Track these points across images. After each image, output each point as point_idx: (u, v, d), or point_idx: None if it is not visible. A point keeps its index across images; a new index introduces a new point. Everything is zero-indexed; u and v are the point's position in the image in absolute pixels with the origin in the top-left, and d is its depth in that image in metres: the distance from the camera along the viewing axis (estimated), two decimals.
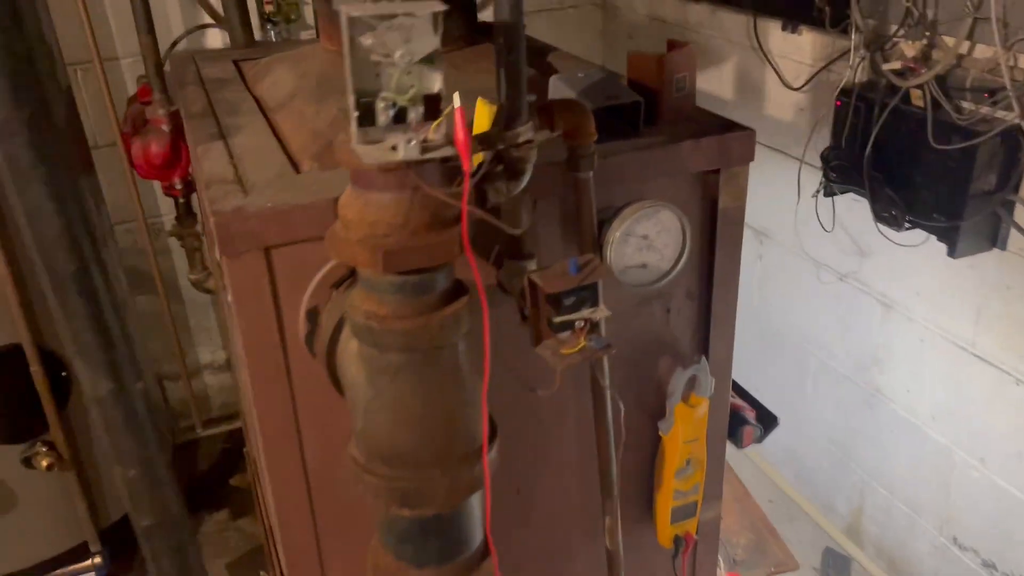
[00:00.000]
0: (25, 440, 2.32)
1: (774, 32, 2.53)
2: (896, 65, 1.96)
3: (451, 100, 0.94)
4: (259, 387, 1.30)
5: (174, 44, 2.72)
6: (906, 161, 2.00)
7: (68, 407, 2.35)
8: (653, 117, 1.47)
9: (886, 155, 2.06)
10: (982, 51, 1.88)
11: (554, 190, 1.36)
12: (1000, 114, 1.82)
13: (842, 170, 2.19)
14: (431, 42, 0.88)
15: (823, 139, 2.31)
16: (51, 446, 2.30)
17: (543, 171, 1.33)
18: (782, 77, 2.56)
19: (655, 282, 1.38)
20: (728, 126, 1.47)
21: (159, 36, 2.93)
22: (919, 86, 1.91)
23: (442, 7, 0.88)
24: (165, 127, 2.34)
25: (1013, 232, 1.92)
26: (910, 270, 2.27)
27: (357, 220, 1.01)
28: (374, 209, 1.00)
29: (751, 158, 1.48)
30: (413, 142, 0.92)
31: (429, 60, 0.91)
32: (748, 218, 2.86)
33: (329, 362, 1.22)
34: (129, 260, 3.03)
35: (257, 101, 1.74)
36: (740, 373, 3.22)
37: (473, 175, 1.00)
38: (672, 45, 1.51)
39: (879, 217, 2.11)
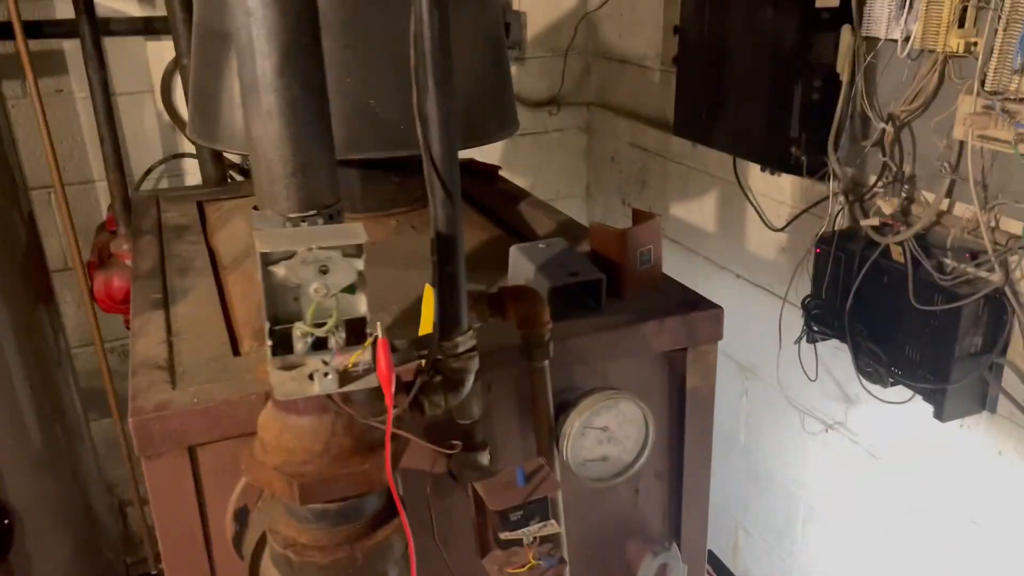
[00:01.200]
0: None
1: (754, 171, 2.51)
2: (875, 221, 1.91)
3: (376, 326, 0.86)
4: None
5: (147, 172, 2.69)
6: (888, 316, 1.93)
7: (9, 556, 2.22)
8: (617, 290, 1.40)
9: (868, 308, 1.99)
10: (962, 209, 1.83)
11: (510, 374, 1.28)
12: (983, 274, 1.75)
13: (823, 319, 2.12)
14: (350, 273, 0.81)
15: (806, 281, 2.25)
16: None
17: (498, 355, 1.27)
18: (763, 217, 2.52)
19: (617, 475, 1.29)
20: (695, 303, 1.40)
21: (139, 156, 2.93)
22: (899, 243, 1.86)
23: (361, 239, 0.81)
24: (129, 262, 2.27)
25: (1002, 396, 1.84)
26: (899, 426, 2.17)
27: (274, 444, 0.92)
28: (292, 434, 0.91)
29: (719, 337, 1.40)
30: (330, 375, 0.84)
31: (351, 289, 0.83)
32: (733, 352, 2.81)
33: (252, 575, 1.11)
34: (92, 381, 2.93)
35: (212, 255, 1.68)
36: (728, 511, 3.10)
37: (398, 402, 0.92)
38: (637, 216, 1.46)
39: (862, 372, 2.02)
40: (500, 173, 2.19)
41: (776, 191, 2.48)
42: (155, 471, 1.12)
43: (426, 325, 1.12)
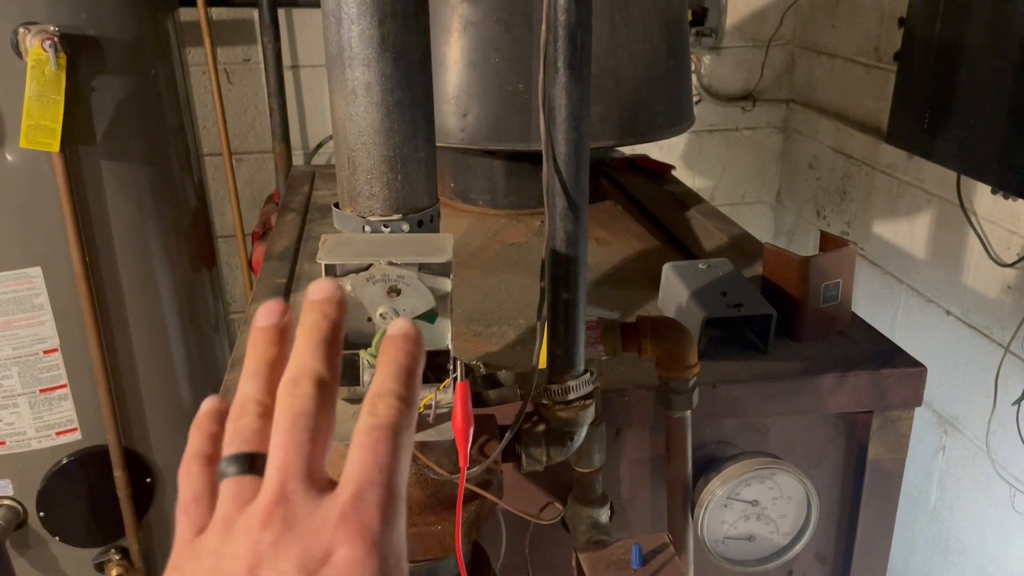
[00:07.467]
0: (102, 544, 2.24)
1: (983, 192, 2.11)
2: None
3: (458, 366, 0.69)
4: None
5: (319, 146, 2.68)
6: None
7: (148, 515, 2.26)
8: (791, 330, 1.15)
9: None
10: None
11: (644, 418, 1.07)
12: None
13: None
14: (426, 297, 0.64)
15: None
16: (124, 553, 2.21)
17: (631, 394, 1.07)
18: (988, 247, 2.12)
19: (764, 561, 1.05)
20: (889, 357, 1.12)
21: (317, 129, 2.93)
22: None
23: (445, 256, 0.64)
24: None
25: None
26: None
27: None
28: None
29: (917, 402, 1.12)
30: None
31: (429, 316, 0.66)
32: (933, 400, 2.42)
33: None
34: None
35: None
36: None
37: (471, 467, 0.75)
38: (826, 241, 1.20)
39: None
40: (673, 173, 1.96)
41: (1008, 219, 2.07)
42: None
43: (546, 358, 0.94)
